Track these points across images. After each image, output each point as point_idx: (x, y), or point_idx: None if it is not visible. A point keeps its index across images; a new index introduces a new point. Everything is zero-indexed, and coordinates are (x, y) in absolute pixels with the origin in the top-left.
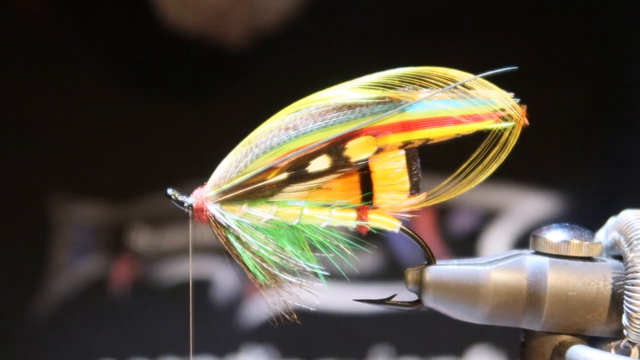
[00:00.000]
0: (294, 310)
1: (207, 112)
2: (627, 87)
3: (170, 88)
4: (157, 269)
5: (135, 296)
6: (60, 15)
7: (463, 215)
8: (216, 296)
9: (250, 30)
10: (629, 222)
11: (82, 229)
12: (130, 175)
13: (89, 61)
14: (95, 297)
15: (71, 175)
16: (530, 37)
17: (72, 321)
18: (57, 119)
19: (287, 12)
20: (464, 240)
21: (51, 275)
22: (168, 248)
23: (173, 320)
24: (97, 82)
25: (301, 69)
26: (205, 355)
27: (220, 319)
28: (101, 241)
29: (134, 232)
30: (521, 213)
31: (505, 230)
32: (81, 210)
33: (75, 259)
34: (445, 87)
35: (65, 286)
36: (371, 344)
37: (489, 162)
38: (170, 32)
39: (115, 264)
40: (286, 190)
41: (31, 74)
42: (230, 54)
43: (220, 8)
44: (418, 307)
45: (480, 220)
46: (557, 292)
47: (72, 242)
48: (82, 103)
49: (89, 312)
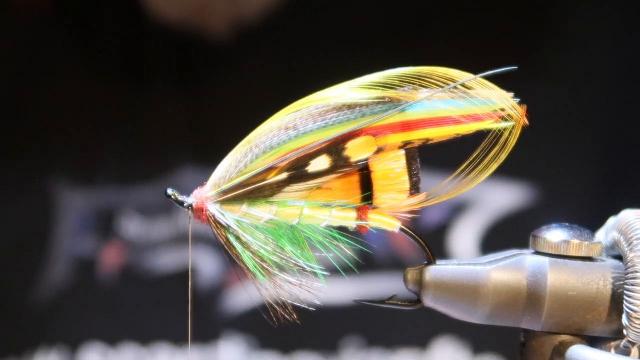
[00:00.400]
0: (293, 308)
1: (193, 103)
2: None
3: (158, 79)
4: (146, 256)
5: (125, 282)
6: (48, 11)
7: (432, 208)
8: (199, 284)
9: (233, 24)
10: (629, 222)
11: (77, 214)
12: (123, 163)
13: (80, 52)
14: (85, 281)
15: (66, 163)
16: (530, 38)
17: (65, 305)
18: (51, 109)
19: (270, 7)
20: (433, 233)
21: (48, 260)
22: (158, 237)
23: (163, 308)
24: (88, 75)
25: (285, 65)
26: (186, 342)
27: (202, 307)
28: (93, 226)
29: (125, 219)
30: (490, 205)
31: (475, 223)
32: (75, 196)
33: (69, 244)
34: (445, 87)
35: (59, 270)
36: (341, 336)
37: (489, 162)
38: (155, 23)
39: (105, 249)
40: (286, 190)
41: (29, 70)
42: (212, 46)
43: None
44: (418, 307)
45: (449, 213)
46: (557, 292)
47: (68, 227)
48: (72, 96)
49: (79, 296)
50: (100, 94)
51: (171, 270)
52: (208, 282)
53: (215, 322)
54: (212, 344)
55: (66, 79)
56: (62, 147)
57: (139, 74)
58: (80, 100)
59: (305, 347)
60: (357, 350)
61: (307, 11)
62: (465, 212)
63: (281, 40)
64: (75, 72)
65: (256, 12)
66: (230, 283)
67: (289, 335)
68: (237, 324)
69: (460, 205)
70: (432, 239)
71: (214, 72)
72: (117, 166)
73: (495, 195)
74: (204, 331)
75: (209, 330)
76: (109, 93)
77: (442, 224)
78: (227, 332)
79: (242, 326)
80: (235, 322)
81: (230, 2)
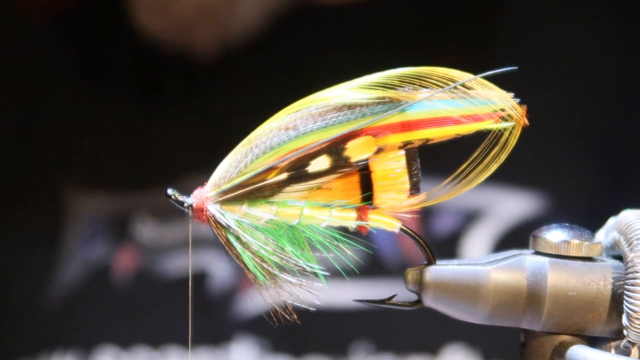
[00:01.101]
0: (294, 309)
1: (190, 117)
2: (628, 87)
3: (157, 94)
4: (159, 259)
5: (137, 285)
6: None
7: (445, 216)
8: (212, 288)
9: (218, 42)
10: (629, 222)
11: (91, 218)
12: (136, 168)
13: (90, 63)
14: (99, 284)
15: (81, 167)
16: (531, 38)
17: (78, 308)
18: (66, 120)
19: (254, 25)
20: (445, 241)
21: (61, 263)
22: (172, 240)
23: (176, 311)
24: (99, 83)
25: (269, 80)
26: (199, 345)
27: (215, 310)
28: (107, 230)
29: (138, 223)
30: (503, 213)
31: (487, 231)
32: (89, 200)
33: (82, 247)
34: (445, 87)
35: (73, 273)
36: (351, 340)
37: (489, 162)
38: (148, 41)
39: (119, 253)
40: (286, 190)
41: (43, 78)
42: (198, 63)
43: (186, 20)
44: (418, 307)
45: (462, 221)
46: (557, 292)
47: (81, 231)
48: (84, 103)
49: (94, 298)
50: (111, 101)
51: (184, 273)
52: (221, 285)
53: (228, 324)
54: (225, 346)
55: (79, 87)
56: (76, 151)
57: (142, 88)
58: (93, 107)
59: (315, 350)
60: (366, 355)
61: (292, 24)
62: (477, 220)
63: (263, 59)
64: (87, 80)
65: (239, 31)
66: (244, 286)
67: (301, 338)
68: (250, 326)
69: (473, 213)
70: (444, 247)
71: (208, 85)
72: (130, 170)
73: (507, 203)
74: (216, 333)
75: (222, 332)
76: (119, 100)
77: (454, 232)
78: (240, 335)
79: (255, 329)
80: (248, 325)
81: (215, 21)
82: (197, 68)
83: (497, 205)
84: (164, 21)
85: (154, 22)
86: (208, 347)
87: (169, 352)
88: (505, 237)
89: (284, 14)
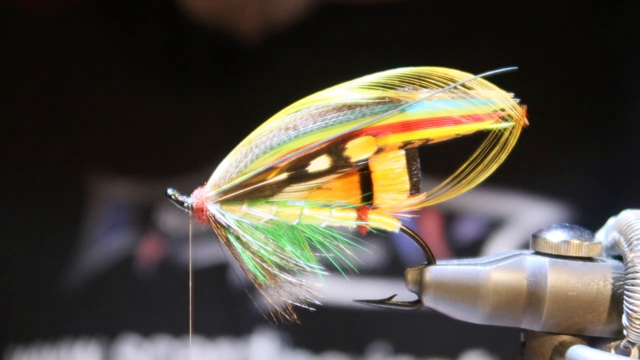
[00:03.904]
0: (302, 305)
1: (229, 97)
2: (627, 86)
3: (195, 74)
4: (184, 249)
5: (161, 275)
6: (86, 11)
7: (468, 222)
8: (233, 279)
9: (263, 25)
10: (629, 222)
11: (115, 205)
12: (164, 156)
13: (120, 45)
14: (123, 272)
15: (106, 154)
16: (531, 38)
17: (101, 295)
18: (94, 104)
19: (300, 10)
20: (468, 247)
21: (83, 250)
22: (196, 230)
23: (198, 301)
24: (128, 67)
25: (310, 68)
26: (220, 336)
27: (238, 302)
28: (131, 218)
29: (163, 212)
30: (526, 221)
31: (510, 239)
32: (115, 187)
33: (106, 235)
34: (446, 87)
35: (96, 261)
36: (371, 341)
37: (489, 162)
38: (190, 21)
39: (143, 241)
40: (286, 190)
41: (69, 62)
42: (242, 46)
43: (232, 1)
44: (418, 307)
45: (485, 228)
46: (557, 292)
47: (105, 218)
48: (114, 89)
49: (116, 287)
50: (139, 87)
51: (208, 263)
52: (244, 277)
53: (250, 317)
54: (246, 338)
55: (107, 70)
56: (101, 138)
57: (177, 69)
58: (120, 92)
59: (335, 348)
60: (384, 356)
61: (337, 14)
62: (500, 228)
63: (307, 46)
64: (116, 64)
65: (285, 16)
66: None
67: (321, 335)
68: (270, 320)
69: (495, 221)
70: (466, 254)
71: (247, 70)
72: (155, 158)
73: (530, 212)
74: (238, 325)
75: (244, 324)
76: (148, 86)
77: (477, 239)
78: (261, 328)
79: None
80: (268, 318)
81: (261, 5)
82: (237, 52)
83: (521, 214)
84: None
85: (200, 2)
86: (229, 338)
87: (189, 341)
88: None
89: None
